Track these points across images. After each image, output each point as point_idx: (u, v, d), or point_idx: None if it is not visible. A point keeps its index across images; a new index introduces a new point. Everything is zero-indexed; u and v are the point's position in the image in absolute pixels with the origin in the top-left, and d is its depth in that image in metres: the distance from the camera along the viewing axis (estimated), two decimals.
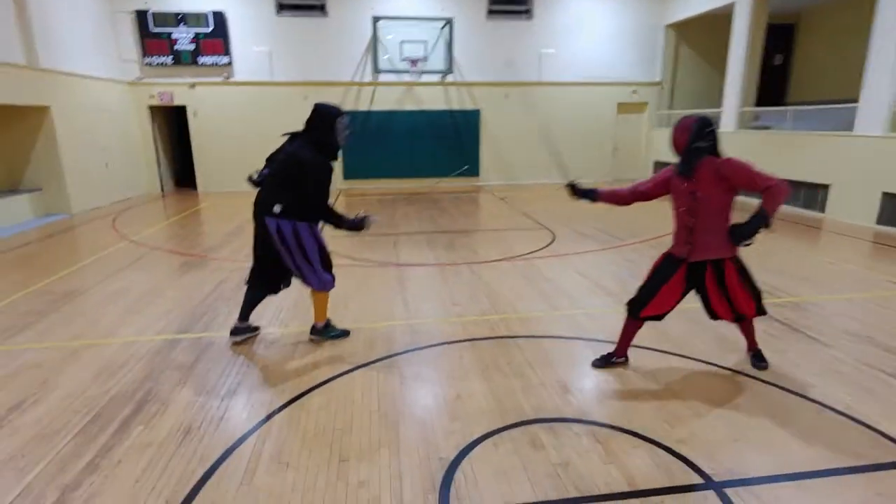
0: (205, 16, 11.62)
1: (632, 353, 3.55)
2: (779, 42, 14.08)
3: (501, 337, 3.98)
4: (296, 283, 3.84)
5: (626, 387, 3.23)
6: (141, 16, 11.49)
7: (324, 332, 3.95)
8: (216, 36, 11.75)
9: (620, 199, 3.42)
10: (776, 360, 3.55)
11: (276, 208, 3.53)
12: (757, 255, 6.42)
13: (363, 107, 12.75)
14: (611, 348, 3.52)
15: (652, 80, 13.85)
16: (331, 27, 12.24)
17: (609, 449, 2.60)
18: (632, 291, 3.34)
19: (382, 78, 12.56)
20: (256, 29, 12.01)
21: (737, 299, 3.17)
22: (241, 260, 6.23)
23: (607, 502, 2.24)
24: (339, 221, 3.63)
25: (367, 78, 12.65)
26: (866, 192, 8.01)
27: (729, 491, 2.29)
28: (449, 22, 11.96)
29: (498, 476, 2.41)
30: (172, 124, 13.42)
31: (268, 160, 3.88)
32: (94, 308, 4.70)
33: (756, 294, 3.25)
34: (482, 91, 13.17)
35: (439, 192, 12.34)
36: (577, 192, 3.46)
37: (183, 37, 11.67)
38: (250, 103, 12.29)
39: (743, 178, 2.91)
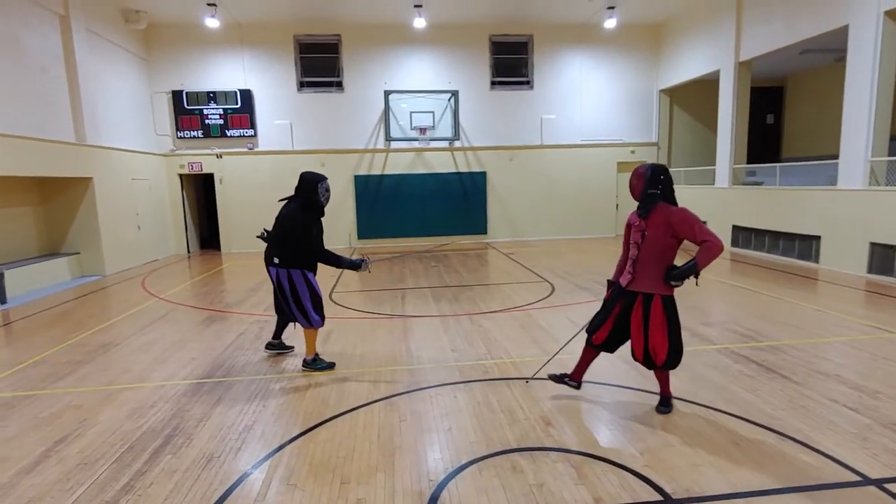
0: (233, 94, 12.80)
1: (615, 391, 3.87)
2: (770, 103, 14.88)
3: (494, 379, 4.33)
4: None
5: (603, 420, 3.55)
6: (176, 95, 12.72)
7: (312, 364, 4.66)
8: (243, 111, 12.89)
9: (625, 266, 3.67)
10: (749, 397, 3.84)
11: (275, 259, 4.40)
12: (748, 303, 6.74)
13: (376, 171, 13.62)
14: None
15: (649, 140, 14.59)
16: (346, 101, 13.34)
17: (581, 472, 2.91)
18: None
19: (394, 145, 13.49)
20: (279, 104, 13.15)
21: (653, 339, 3.41)
22: (259, 314, 6.73)
23: None
24: (338, 262, 4.38)
25: (380, 145, 13.60)
26: (855, 242, 8.32)
27: None
28: (455, 94, 12.97)
29: (479, 494, 2.74)
30: (199, 191, 14.43)
31: (275, 220, 4.61)
32: (126, 357, 5.18)
33: (673, 346, 3.42)
34: (488, 154, 14.01)
35: (449, 249, 12.90)
36: (611, 291, 3.73)
37: (213, 112, 12.82)
38: (272, 170, 13.24)
39: (686, 230, 3.29)
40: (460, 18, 12.94)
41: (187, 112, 12.83)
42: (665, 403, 3.67)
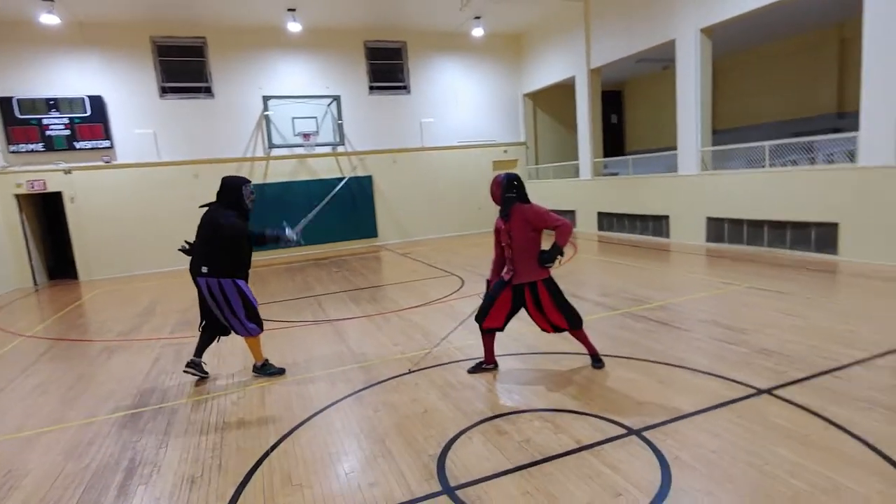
0: (80, 101, 11.32)
1: (553, 357, 4.39)
2: (612, 105, 17.10)
3: (445, 364, 4.62)
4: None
5: (553, 381, 4.04)
6: (5, 103, 10.88)
7: (262, 369, 4.62)
8: (95, 120, 11.45)
9: (500, 266, 4.24)
10: (656, 346, 4.62)
11: (204, 269, 4.23)
12: (629, 276, 7.83)
13: (257, 180, 13.00)
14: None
15: (518, 140, 15.91)
16: (218, 107, 12.55)
17: (556, 424, 3.34)
18: None
19: (276, 152, 13.01)
20: (139, 112, 11.93)
21: (551, 315, 4.02)
22: (166, 337, 6.21)
23: (566, 457, 2.95)
24: (262, 236, 4.26)
25: (259, 153, 13.01)
26: (694, 218, 10.09)
27: (646, 434, 3.13)
28: (337, 99, 12.92)
29: (479, 457, 3.02)
30: (42, 213, 12.48)
31: (197, 230, 4.42)
32: (21, 402, 4.50)
33: (568, 312, 3.98)
34: (372, 158, 14.16)
35: (344, 254, 12.82)
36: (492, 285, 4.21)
37: (56, 122, 11.20)
38: (136, 185, 11.97)
39: (540, 221, 3.89)
40: (335, 23, 12.92)
41: (20, 122, 11.03)
42: (597, 360, 4.27)
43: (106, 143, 11.63)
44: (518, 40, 15.36)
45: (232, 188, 4.30)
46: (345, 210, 13.84)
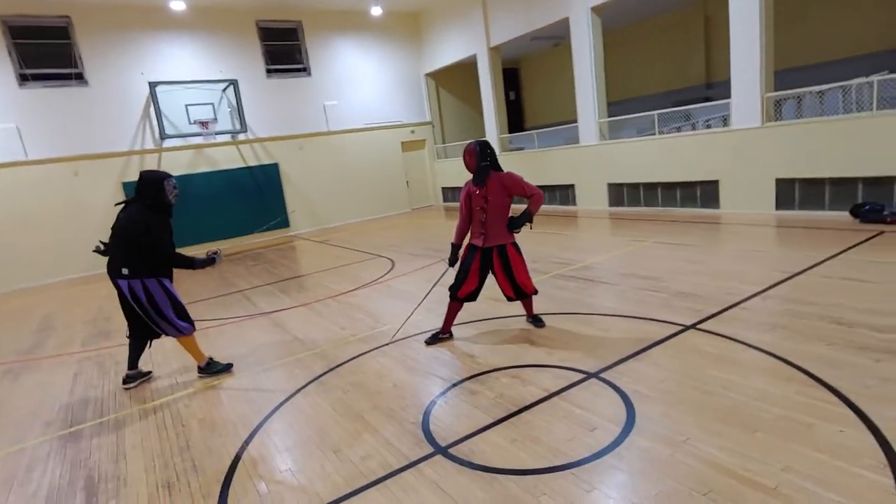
0: None
1: (507, 321, 4.66)
2: (509, 82, 17.69)
3: (399, 340, 4.71)
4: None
5: (506, 343, 4.30)
6: None
7: (208, 369, 4.41)
8: None
9: (464, 230, 4.39)
10: (591, 301, 5.07)
11: (124, 270, 3.96)
12: (549, 242, 8.34)
13: None
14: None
15: (424, 120, 16.01)
16: (94, 96, 11.23)
17: (522, 379, 3.60)
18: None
19: (169, 143, 11.97)
20: None
21: (520, 276, 4.31)
22: (79, 351, 5.65)
23: (539, 405, 3.21)
24: (191, 263, 4.12)
25: (149, 144, 11.90)
26: (596, 185, 10.92)
27: (603, 375, 3.48)
28: (234, 83, 12.13)
29: (459, 417, 3.19)
30: None
31: (112, 229, 4.12)
32: None
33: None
34: (276, 145, 13.53)
35: (257, 247, 12.23)
36: (451, 261, 4.39)
37: None
38: (1, 188, 10.44)
39: (517, 188, 4.16)
40: (223, 1, 12.04)
41: None
42: (538, 321, 4.60)
43: None
44: (416, 19, 15.34)
45: (151, 183, 4.01)
46: (251, 201, 13.15)
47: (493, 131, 13.58)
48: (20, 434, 3.81)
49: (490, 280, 4.40)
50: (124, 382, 4.38)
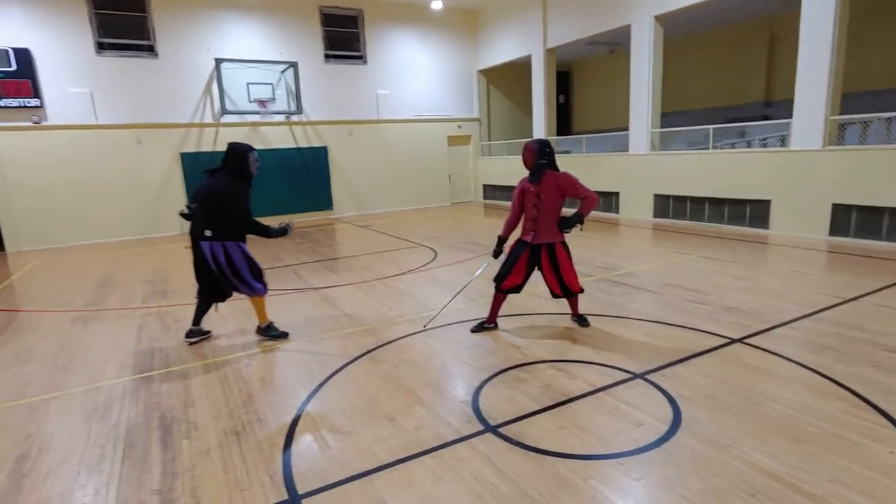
0: (3, 53, 10.24)
1: (552, 317, 4.77)
2: (561, 85, 17.64)
3: (443, 325, 4.87)
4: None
5: (553, 337, 4.41)
6: None
7: (266, 331, 4.72)
8: (21, 76, 10.41)
9: (513, 224, 4.51)
10: (633, 307, 5.12)
11: (207, 233, 4.29)
12: (593, 247, 8.38)
13: (206, 148, 12.41)
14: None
15: (471, 116, 16.14)
16: (163, 68, 11.77)
17: (568, 372, 3.71)
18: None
19: (227, 119, 12.44)
20: (73, 69, 10.95)
21: (567, 276, 4.40)
22: (140, 307, 6.02)
23: (585, 398, 3.32)
24: (266, 232, 4.44)
25: (208, 119, 12.39)
26: (643, 195, 10.86)
27: (649, 377, 3.57)
28: (294, 65, 12.50)
29: (508, 401, 3.33)
30: None
31: (193, 195, 4.48)
32: (6, 372, 4.27)
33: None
34: (327, 129, 13.88)
35: (302, 226, 12.61)
36: (496, 252, 4.57)
37: None
38: (72, 149, 11.06)
39: (571, 189, 4.24)
40: None
41: None
42: (583, 320, 4.69)
43: (35, 102, 10.62)
44: (475, 15, 15.46)
45: (237, 154, 4.35)
46: (299, 181, 13.55)
47: (540, 133, 13.60)
48: (96, 374, 4.13)
49: (535, 276, 4.51)
50: (187, 336, 4.71)
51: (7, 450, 3.06)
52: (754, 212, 8.94)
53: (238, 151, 4.34)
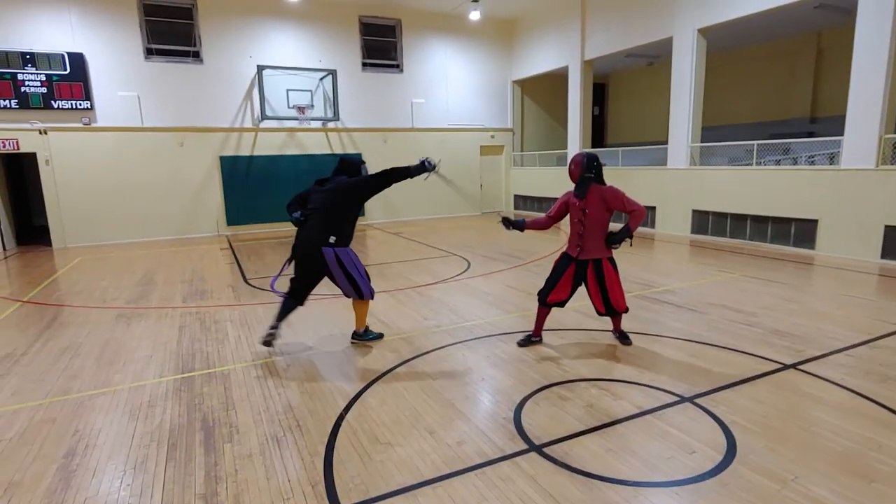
0: (60, 57, 10.68)
1: (594, 334, 4.66)
2: (596, 97, 17.47)
3: (481, 337, 4.80)
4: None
5: (595, 355, 4.30)
6: None
7: (364, 336, 4.75)
8: (74, 79, 10.84)
9: (541, 225, 4.46)
10: (677, 325, 4.97)
11: (332, 239, 4.29)
12: (630, 262, 8.21)
13: (245, 152, 12.68)
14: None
15: (505, 126, 16.10)
16: (206, 74, 12.10)
17: (613, 392, 3.60)
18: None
19: (265, 124, 12.69)
20: (122, 73, 11.36)
21: (613, 293, 4.26)
22: (181, 306, 6.12)
23: (633, 419, 3.21)
24: (406, 172, 4.47)
25: (248, 124, 12.66)
26: (681, 210, 10.61)
27: (698, 401, 3.43)
28: (333, 73, 12.70)
29: (551, 419, 3.24)
30: (12, 174, 11.76)
31: (292, 204, 4.52)
32: (54, 366, 4.38)
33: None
34: (362, 136, 14.03)
35: None
36: (509, 223, 4.47)
37: (32, 79, 10.53)
38: (118, 150, 11.44)
39: (618, 203, 4.13)
40: None
41: None
42: (625, 338, 4.56)
43: (86, 104, 11.04)
44: (511, 26, 15.46)
45: (353, 164, 4.58)
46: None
47: (575, 144, 13.47)
48: (140, 372, 4.20)
49: (580, 291, 4.42)
50: (270, 330, 4.44)
51: (55, 445, 3.11)
52: (800, 231, 8.62)
53: (353, 162, 4.61)
